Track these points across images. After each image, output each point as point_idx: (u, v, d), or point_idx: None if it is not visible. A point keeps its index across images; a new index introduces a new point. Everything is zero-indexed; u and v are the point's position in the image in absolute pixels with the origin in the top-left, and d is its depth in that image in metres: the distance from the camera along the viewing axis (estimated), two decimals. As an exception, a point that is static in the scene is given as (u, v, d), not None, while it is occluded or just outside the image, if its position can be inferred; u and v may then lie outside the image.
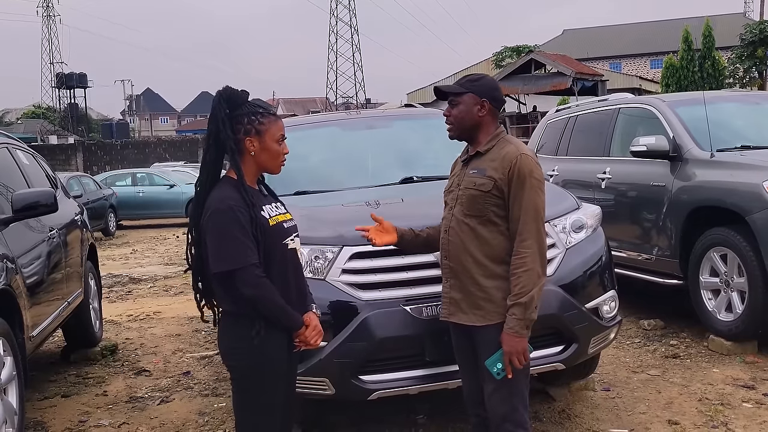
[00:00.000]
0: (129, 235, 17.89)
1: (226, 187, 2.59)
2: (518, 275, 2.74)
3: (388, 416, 4.28)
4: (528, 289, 2.73)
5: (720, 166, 5.38)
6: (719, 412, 4.16)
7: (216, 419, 4.51)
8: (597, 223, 4.03)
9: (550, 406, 4.36)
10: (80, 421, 4.64)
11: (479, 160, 2.90)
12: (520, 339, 2.73)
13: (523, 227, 2.77)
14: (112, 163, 33.36)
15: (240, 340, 2.57)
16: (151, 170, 22.25)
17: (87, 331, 6.08)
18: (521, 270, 2.74)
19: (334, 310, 3.43)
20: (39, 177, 5.76)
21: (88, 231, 6.51)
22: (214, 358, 5.86)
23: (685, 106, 6.19)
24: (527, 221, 2.77)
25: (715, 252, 5.27)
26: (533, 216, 2.78)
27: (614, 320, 3.86)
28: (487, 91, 2.93)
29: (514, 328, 2.73)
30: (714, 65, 24.64)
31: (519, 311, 2.72)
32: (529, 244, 2.75)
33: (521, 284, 2.73)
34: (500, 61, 43.45)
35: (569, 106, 8.27)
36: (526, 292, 2.73)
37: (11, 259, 4.12)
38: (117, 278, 10.47)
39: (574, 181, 6.99)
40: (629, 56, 54.12)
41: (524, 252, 2.75)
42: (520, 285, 2.73)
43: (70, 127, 57.33)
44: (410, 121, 5.64)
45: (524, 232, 2.76)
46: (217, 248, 2.52)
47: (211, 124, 2.62)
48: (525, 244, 2.76)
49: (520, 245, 2.76)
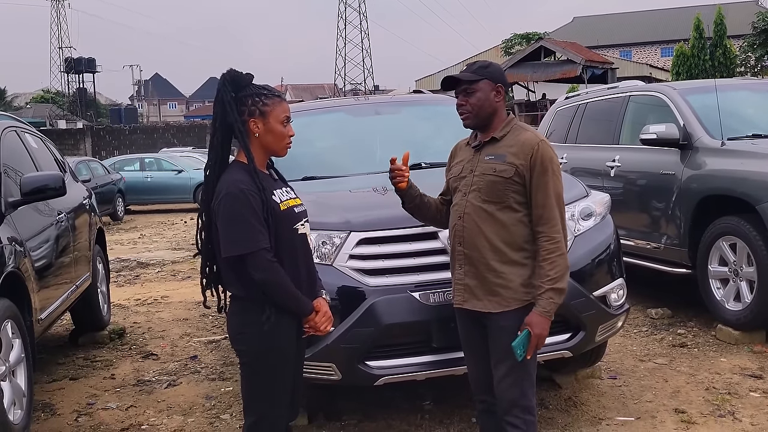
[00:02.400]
0: (137, 220, 17.95)
1: (236, 170, 2.58)
2: (552, 260, 2.74)
3: (395, 402, 4.29)
4: (563, 273, 2.76)
5: (731, 155, 5.34)
6: (726, 401, 4.15)
7: (223, 403, 4.53)
8: (606, 211, 4.01)
9: (557, 393, 4.36)
10: (88, 404, 4.67)
11: (494, 146, 2.89)
12: (548, 322, 2.75)
13: (550, 213, 2.77)
14: (120, 148, 33.38)
15: (249, 325, 2.57)
16: (159, 155, 22.25)
17: (95, 315, 6.10)
18: (556, 255, 2.75)
19: (341, 295, 3.43)
20: (48, 161, 5.77)
21: (96, 215, 6.53)
22: (221, 342, 5.89)
23: (696, 94, 6.14)
24: (553, 207, 2.78)
25: (725, 241, 5.24)
26: (557, 202, 2.80)
27: (622, 308, 3.85)
28: (499, 77, 2.92)
29: (548, 311, 2.73)
30: (725, 53, 24.45)
31: (556, 295, 2.74)
32: (558, 229, 2.78)
33: (557, 269, 2.74)
34: (509, 48, 43.19)
35: (579, 94, 8.21)
36: (562, 277, 2.75)
37: (20, 242, 4.14)
38: (125, 262, 10.51)
39: (583, 168, 6.96)
40: (640, 44, 53.76)
41: (556, 237, 2.76)
42: (556, 269, 2.74)
43: (79, 111, 57.35)
44: (419, 107, 5.62)
45: (552, 218, 2.77)
46: (228, 232, 2.51)
47: (216, 108, 2.61)
48: (555, 229, 2.77)
49: (551, 230, 2.77)
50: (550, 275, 2.74)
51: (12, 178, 4.56)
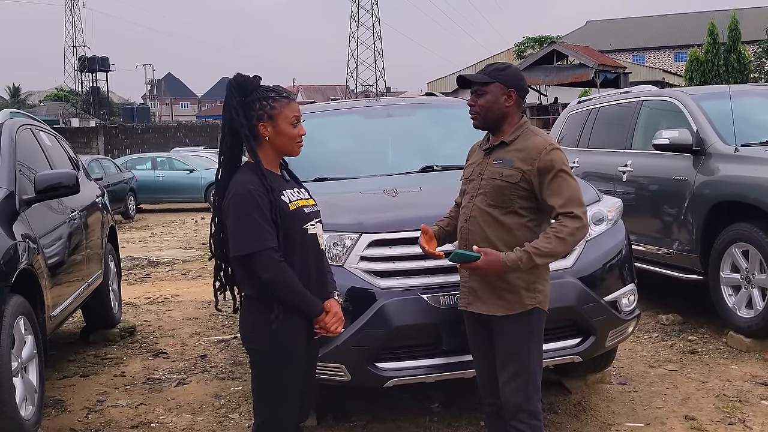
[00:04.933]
0: (148, 219, 18.03)
1: (246, 172, 2.61)
2: (550, 236, 2.70)
3: (403, 404, 4.29)
4: (549, 255, 2.71)
5: (744, 161, 5.32)
6: (737, 408, 4.13)
7: (232, 402, 4.55)
8: (617, 216, 4.00)
9: (566, 398, 4.35)
10: (98, 401, 4.70)
11: (503, 150, 2.88)
12: (498, 270, 2.71)
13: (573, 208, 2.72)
14: (132, 147, 33.54)
15: (259, 324, 2.58)
16: (171, 155, 22.33)
17: (106, 313, 6.14)
18: (557, 234, 2.70)
19: (351, 297, 3.43)
20: (61, 159, 5.81)
21: (109, 213, 6.56)
22: (231, 342, 5.90)
23: (710, 99, 6.11)
24: (573, 203, 2.73)
25: (737, 248, 5.21)
26: (580, 199, 2.76)
27: (632, 314, 3.84)
28: (513, 81, 2.90)
29: (509, 265, 2.69)
30: (739, 59, 24.25)
31: (525, 261, 2.69)
32: (578, 221, 2.72)
33: (549, 246, 2.69)
34: (522, 51, 43.16)
35: (591, 98, 8.19)
36: (545, 255, 2.70)
37: (33, 239, 4.17)
38: (136, 261, 10.56)
39: (595, 173, 6.93)
40: (653, 49, 53.52)
41: (569, 224, 2.71)
42: (547, 244, 2.69)
43: (92, 110, 57.71)
44: (431, 109, 5.62)
45: (575, 210, 2.72)
46: (236, 232, 2.54)
47: (224, 113, 2.64)
48: (576, 220, 2.71)
49: (569, 218, 2.71)
50: (539, 244, 2.70)
51: (26, 176, 4.60)
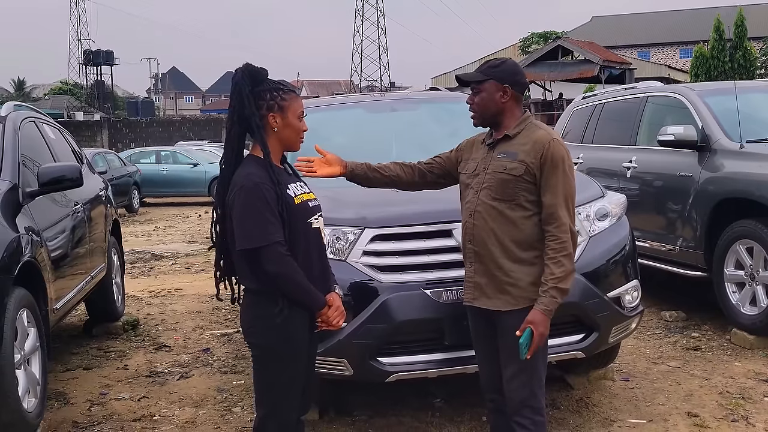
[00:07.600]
0: (152, 213, 18.05)
1: (252, 164, 2.59)
2: (558, 259, 2.74)
3: (406, 399, 4.29)
4: (568, 274, 2.75)
5: (749, 158, 5.29)
6: (740, 405, 4.11)
7: (234, 396, 4.55)
8: (621, 212, 3.99)
9: (568, 394, 4.34)
10: (101, 394, 4.70)
11: (507, 144, 2.88)
12: (549, 320, 2.75)
13: (559, 212, 2.76)
14: (136, 141, 33.62)
15: (262, 318, 2.58)
16: (175, 149, 22.37)
17: (109, 306, 6.14)
18: (562, 255, 2.74)
19: (354, 291, 3.43)
20: (65, 152, 5.81)
21: (112, 207, 6.57)
22: (233, 335, 5.91)
23: (715, 95, 6.09)
24: (561, 206, 2.76)
25: (741, 244, 5.19)
26: (566, 202, 2.78)
27: (636, 310, 3.83)
28: (508, 76, 2.89)
29: (550, 309, 2.73)
30: (745, 55, 24.21)
31: (559, 294, 2.73)
32: (565, 229, 2.76)
33: (563, 269, 2.73)
34: (527, 47, 43.05)
35: (596, 94, 8.17)
36: (566, 277, 2.74)
37: (36, 232, 4.17)
38: (139, 254, 10.57)
39: (599, 169, 6.91)
40: (658, 45, 53.39)
41: (563, 237, 2.75)
42: (562, 269, 2.73)
43: (96, 104, 57.70)
44: (434, 104, 5.60)
45: (561, 217, 2.76)
46: (242, 225, 2.52)
47: (233, 101, 2.62)
48: (563, 228, 2.76)
49: (558, 229, 2.75)
50: (555, 274, 2.73)
51: (30, 169, 4.60)
